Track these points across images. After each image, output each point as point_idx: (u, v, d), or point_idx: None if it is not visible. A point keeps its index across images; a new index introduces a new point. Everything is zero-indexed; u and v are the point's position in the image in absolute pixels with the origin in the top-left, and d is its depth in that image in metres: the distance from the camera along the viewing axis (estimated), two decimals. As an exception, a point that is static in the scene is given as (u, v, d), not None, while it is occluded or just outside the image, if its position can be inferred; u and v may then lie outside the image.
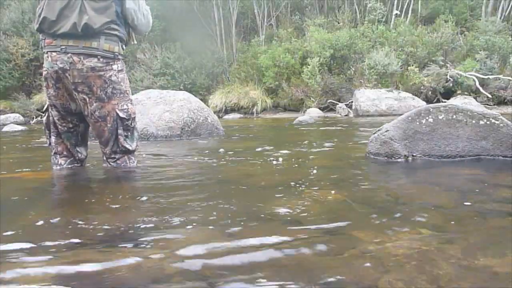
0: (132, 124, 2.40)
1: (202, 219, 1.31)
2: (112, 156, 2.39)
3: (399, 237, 1.07)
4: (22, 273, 0.90)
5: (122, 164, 2.39)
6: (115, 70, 2.29)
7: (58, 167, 2.41)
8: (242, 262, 0.93)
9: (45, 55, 2.24)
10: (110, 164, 2.40)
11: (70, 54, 2.18)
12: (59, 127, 2.39)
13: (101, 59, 2.22)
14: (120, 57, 2.33)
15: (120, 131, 2.33)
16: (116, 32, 2.26)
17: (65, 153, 2.43)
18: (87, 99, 2.25)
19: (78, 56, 2.18)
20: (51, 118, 2.40)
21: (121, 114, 2.31)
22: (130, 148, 2.40)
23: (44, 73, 2.28)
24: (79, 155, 2.48)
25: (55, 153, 2.43)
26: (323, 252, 0.99)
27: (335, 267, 0.90)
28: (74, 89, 2.23)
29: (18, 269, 0.92)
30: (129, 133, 2.38)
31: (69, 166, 2.43)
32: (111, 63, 2.27)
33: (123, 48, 2.38)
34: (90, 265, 0.93)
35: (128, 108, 2.36)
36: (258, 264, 0.92)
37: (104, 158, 2.42)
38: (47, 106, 2.41)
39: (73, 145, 2.45)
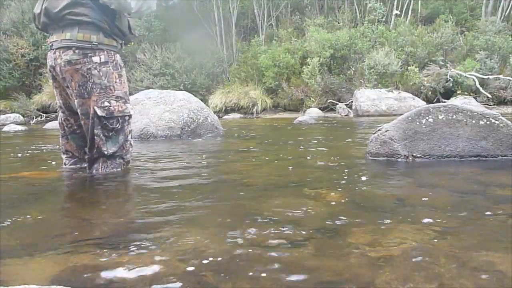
0: (117, 124, 2.16)
1: (201, 220, 1.31)
2: (91, 158, 2.18)
3: (398, 237, 1.07)
4: (22, 273, 0.90)
5: (98, 171, 2.18)
6: (95, 63, 2.08)
7: (65, 167, 2.40)
8: (241, 262, 0.93)
9: None
10: (87, 169, 2.21)
11: (54, 50, 2.10)
12: (65, 128, 2.35)
13: (76, 51, 2.05)
14: (103, 47, 2.11)
15: (97, 131, 2.11)
16: (84, 18, 2.03)
17: (72, 153, 2.40)
18: (72, 95, 2.14)
19: (59, 50, 2.08)
20: (58, 119, 2.39)
21: (99, 112, 2.08)
22: (106, 152, 2.15)
23: None
24: (86, 156, 2.33)
25: (63, 152, 2.42)
26: (322, 251, 0.99)
27: (334, 267, 0.90)
28: (65, 85, 2.16)
29: (18, 269, 0.92)
30: (110, 134, 2.15)
31: (75, 166, 2.39)
32: (89, 54, 2.07)
33: (113, 38, 2.16)
34: (90, 265, 0.93)
35: (110, 106, 2.12)
36: (257, 264, 0.92)
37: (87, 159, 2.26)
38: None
39: (80, 147, 2.36)
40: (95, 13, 2.06)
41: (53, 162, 2.75)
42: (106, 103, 2.11)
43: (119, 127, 2.18)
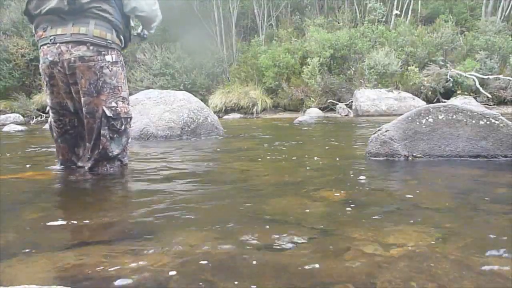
0: (121, 126, 2.13)
1: (201, 220, 1.31)
2: (92, 159, 2.14)
3: (398, 237, 1.07)
4: (22, 273, 0.90)
5: (97, 173, 2.14)
6: (108, 61, 2.04)
7: (61, 168, 2.37)
8: (241, 263, 0.93)
9: (39, 50, 2.08)
10: (86, 169, 2.17)
11: (58, 44, 1.97)
12: (57, 129, 2.26)
13: (91, 47, 1.98)
14: (114, 46, 2.08)
15: (103, 132, 2.06)
16: (108, 16, 2.00)
17: (64, 154, 2.35)
18: (80, 92, 2.05)
19: (66, 45, 1.97)
20: (48, 122, 2.31)
21: (107, 112, 2.05)
22: (111, 154, 2.12)
23: (40, 70, 2.15)
24: (77, 157, 2.34)
25: (57, 154, 2.40)
26: (322, 252, 0.99)
27: (334, 267, 0.90)
28: (70, 82, 2.06)
29: (18, 269, 0.92)
30: (115, 135, 2.12)
31: (71, 167, 2.36)
32: (103, 52, 2.02)
33: (120, 39, 2.14)
34: (89, 265, 0.93)
35: (117, 107, 2.09)
36: (257, 264, 0.92)
37: (87, 159, 2.21)
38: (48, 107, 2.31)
39: (72, 147, 2.31)
40: (117, 14, 2.06)
41: (51, 163, 2.75)
42: (114, 104, 2.08)
43: (123, 128, 2.15)
